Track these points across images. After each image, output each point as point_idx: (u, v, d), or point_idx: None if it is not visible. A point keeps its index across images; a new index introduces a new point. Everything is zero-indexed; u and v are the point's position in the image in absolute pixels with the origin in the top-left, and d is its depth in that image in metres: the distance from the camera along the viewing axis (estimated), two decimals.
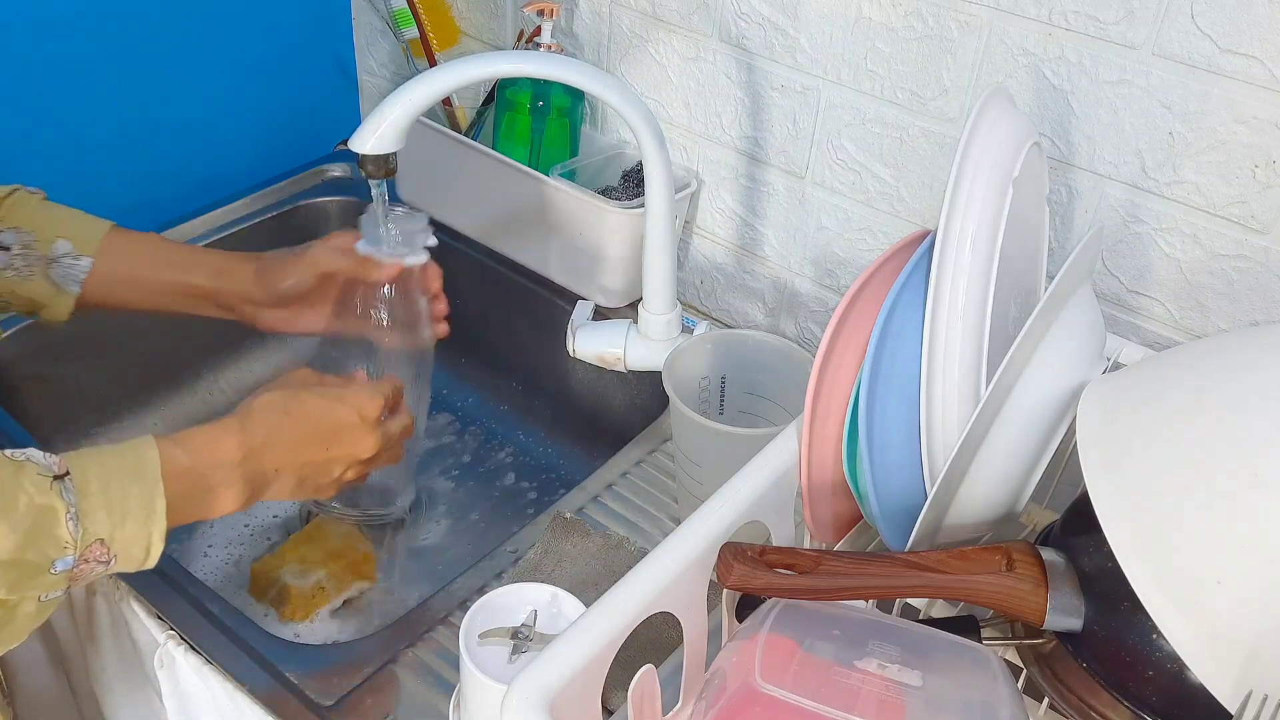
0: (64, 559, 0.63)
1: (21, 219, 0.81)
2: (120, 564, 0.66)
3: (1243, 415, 0.53)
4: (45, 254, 0.81)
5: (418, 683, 0.79)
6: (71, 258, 0.82)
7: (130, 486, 0.66)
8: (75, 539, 0.63)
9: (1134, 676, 0.57)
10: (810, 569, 0.57)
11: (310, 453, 0.76)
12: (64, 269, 0.82)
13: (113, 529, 0.65)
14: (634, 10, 1.09)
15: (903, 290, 0.63)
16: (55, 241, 0.81)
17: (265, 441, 0.73)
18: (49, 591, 0.64)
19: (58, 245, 0.81)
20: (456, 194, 1.21)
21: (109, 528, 0.64)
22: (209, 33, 1.20)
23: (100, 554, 0.65)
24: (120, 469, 0.66)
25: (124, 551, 0.66)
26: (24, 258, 0.81)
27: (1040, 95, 0.87)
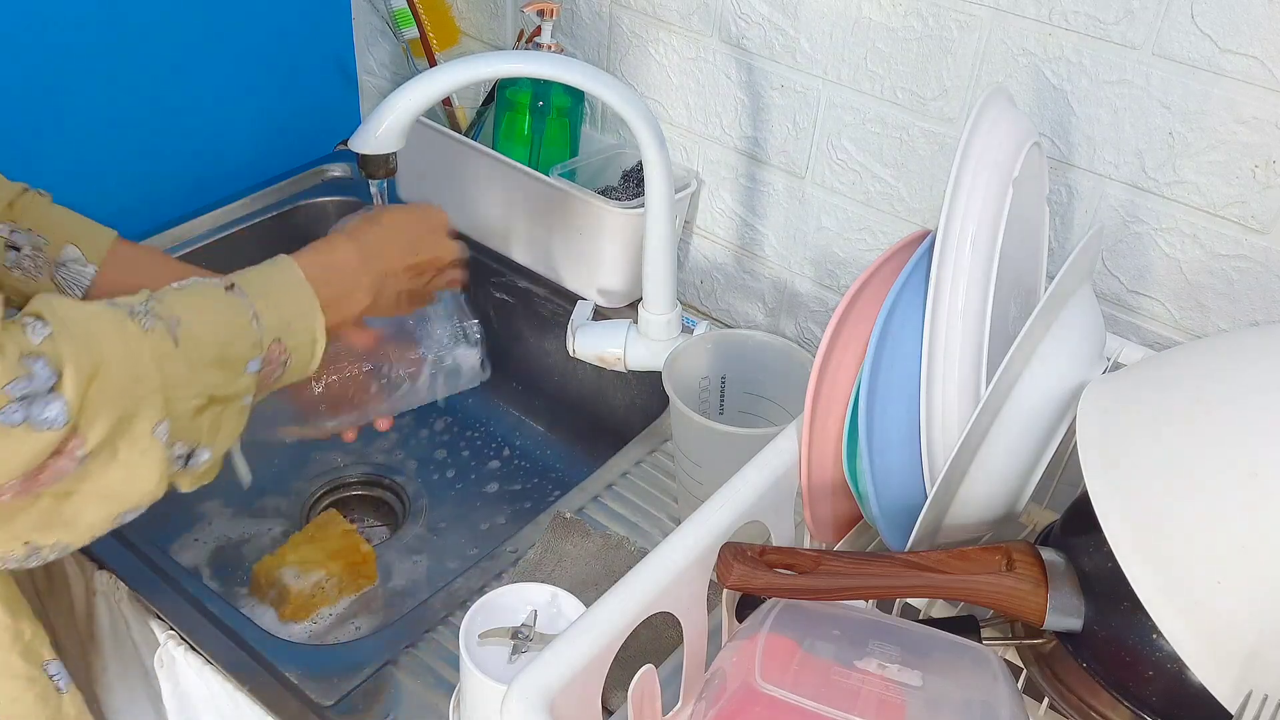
0: (254, 360, 0.68)
1: (33, 220, 0.82)
2: (293, 365, 0.72)
3: (1243, 415, 0.53)
4: (54, 258, 0.82)
5: (418, 683, 0.79)
6: (79, 264, 0.83)
7: (287, 293, 0.72)
8: (260, 337, 0.68)
9: (1134, 676, 0.57)
10: (810, 569, 0.57)
11: (410, 254, 0.83)
12: (70, 274, 0.83)
13: (284, 329, 0.70)
14: (634, 10, 1.09)
15: (903, 290, 0.63)
16: (65, 247, 0.82)
17: (375, 247, 0.80)
18: (244, 395, 0.68)
19: (66, 250, 0.82)
20: (456, 194, 1.21)
21: (281, 327, 0.70)
22: (209, 33, 1.20)
23: (278, 353, 0.70)
24: (274, 279, 0.72)
25: (295, 352, 0.71)
26: (33, 259, 0.81)
27: (1040, 95, 0.87)
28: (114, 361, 0.59)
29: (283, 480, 1.15)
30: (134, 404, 0.60)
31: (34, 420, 0.55)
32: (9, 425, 0.54)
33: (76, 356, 0.57)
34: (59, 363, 0.56)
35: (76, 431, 0.57)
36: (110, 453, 0.59)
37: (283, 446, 1.16)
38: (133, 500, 0.62)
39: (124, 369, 0.59)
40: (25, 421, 0.54)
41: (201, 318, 0.65)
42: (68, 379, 0.56)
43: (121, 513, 0.62)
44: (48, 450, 0.56)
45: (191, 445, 0.65)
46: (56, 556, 0.62)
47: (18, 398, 0.54)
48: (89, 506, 0.60)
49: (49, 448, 0.56)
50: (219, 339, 0.66)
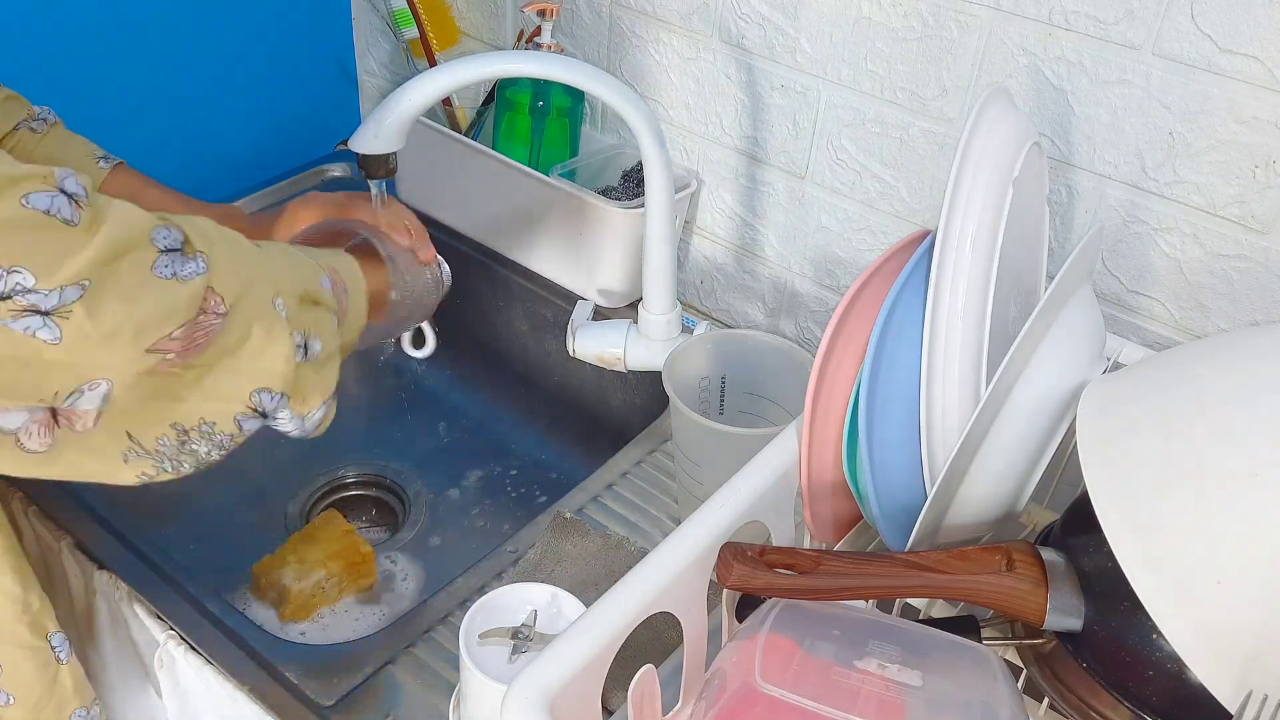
0: (323, 276, 0.71)
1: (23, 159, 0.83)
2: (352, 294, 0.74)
3: (1243, 415, 0.53)
4: None
5: (418, 683, 0.79)
6: None
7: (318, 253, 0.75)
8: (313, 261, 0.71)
9: (1134, 676, 0.57)
10: (810, 569, 0.57)
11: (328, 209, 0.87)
12: None
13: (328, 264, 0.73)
14: (634, 10, 1.09)
15: (903, 290, 0.63)
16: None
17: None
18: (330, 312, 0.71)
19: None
20: (456, 194, 1.21)
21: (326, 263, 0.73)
22: (209, 32, 1.20)
23: (339, 278, 0.73)
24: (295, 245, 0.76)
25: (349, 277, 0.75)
26: None
27: (1040, 95, 0.87)
28: (220, 239, 0.62)
29: (283, 480, 1.15)
30: (251, 274, 0.63)
31: (180, 273, 0.58)
32: (162, 278, 0.57)
33: (193, 228, 0.61)
34: (179, 228, 0.59)
35: (214, 288, 0.60)
36: (243, 322, 0.62)
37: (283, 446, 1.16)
38: (265, 378, 0.64)
39: (228, 247, 0.63)
40: (174, 275, 0.58)
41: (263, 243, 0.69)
42: (194, 241, 0.60)
43: (257, 389, 0.64)
44: (198, 300, 0.59)
45: (304, 334, 0.67)
46: (206, 450, 0.64)
47: (164, 249, 0.58)
48: (228, 379, 0.62)
49: (198, 297, 0.59)
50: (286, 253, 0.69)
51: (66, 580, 0.93)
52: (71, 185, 0.55)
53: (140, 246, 0.57)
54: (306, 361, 0.67)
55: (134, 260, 0.56)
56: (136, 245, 0.57)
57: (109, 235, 0.55)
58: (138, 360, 0.57)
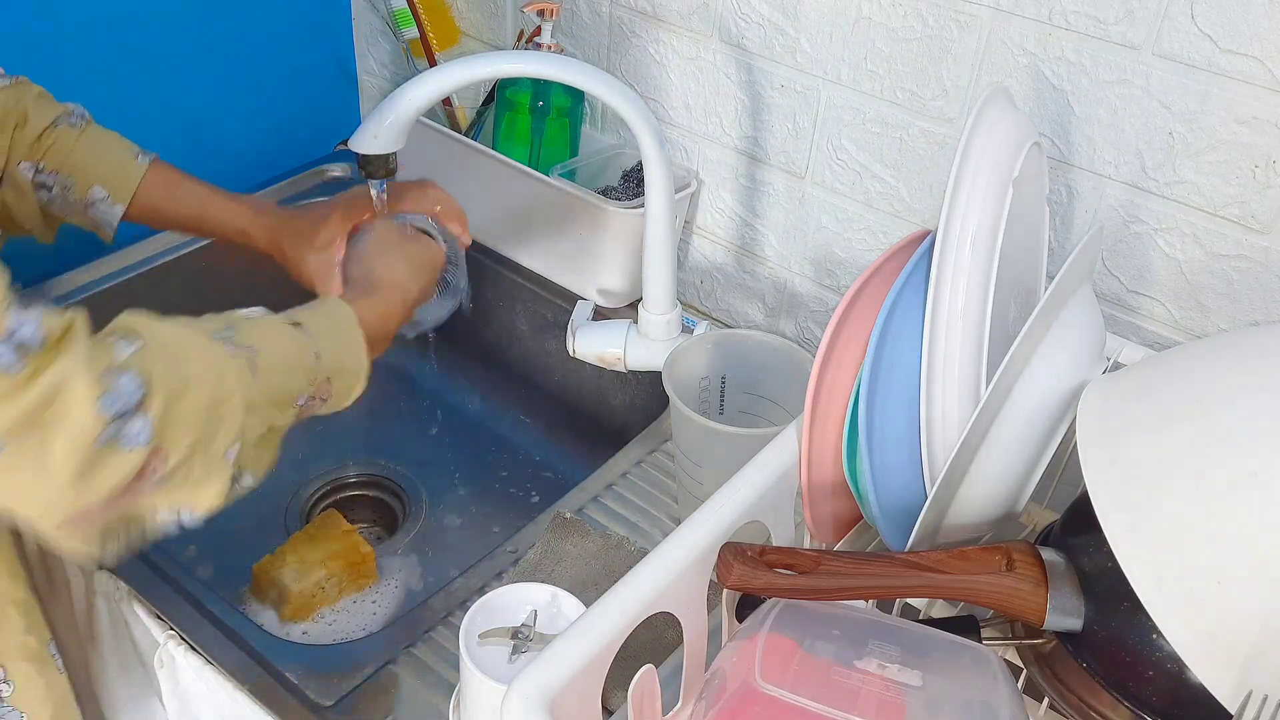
0: (304, 395, 0.70)
1: (59, 161, 0.84)
2: (330, 404, 0.73)
3: (1242, 415, 0.53)
4: (82, 198, 0.86)
5: (418, 683, 0.79)
6: (106, 204, 0.85)
7: (345, 335, 0.73)
8: (317, 376, 0.70)
9: (1134, 676, 0.57)
10: (810, 569, 0.57)
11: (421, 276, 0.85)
12: (99, 213, 0.86)
13: (338, 370, 0.72)
14: (634, 10, 1.09)
15: (903, 290, 0.63)
16: (92, 188, 0.85)
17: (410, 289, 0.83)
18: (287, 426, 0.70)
19: (93, 191, 0.86)
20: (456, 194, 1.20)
21: (336, 368, 0.72)
22: (209, 33, 1.20)
23: (324, 391, 0.71)
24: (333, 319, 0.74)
25: (339, 392, 0.73)
26: (62, 199, 0.84)
27: (1040, 95, 0.87)
28: (201, 382, 0.60)
29: (283, 480, 1.15)
30: (215, 425, 0.60)
31: (121, 439, 0.55)
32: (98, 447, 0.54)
33: (166, 374, 0.57)
34: (148, 379, 0.56)
35: (159, 450, 0.57)
36: (186, 471, 0.60)
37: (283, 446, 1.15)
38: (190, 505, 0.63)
39: (211, 390, 0.60)
40: (115, 439, 0.54)
41: (275, 350, 0.67)
42: (155, 397, 0.56)
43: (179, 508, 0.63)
44: (134, 470, 0.56)
45: (242, 469, 0.66)
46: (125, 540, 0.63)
47: (110, 417, 0.54)
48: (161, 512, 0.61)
49: (135, 467, 0.56)
50: (287, 372, 0.68)
51: (66, 580, 0.93)
52: (27, 333, 0.51)
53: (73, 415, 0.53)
54: (231, 490, 0.66)
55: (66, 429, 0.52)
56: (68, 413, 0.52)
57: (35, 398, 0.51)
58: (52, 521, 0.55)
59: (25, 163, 0.82)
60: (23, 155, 0.83)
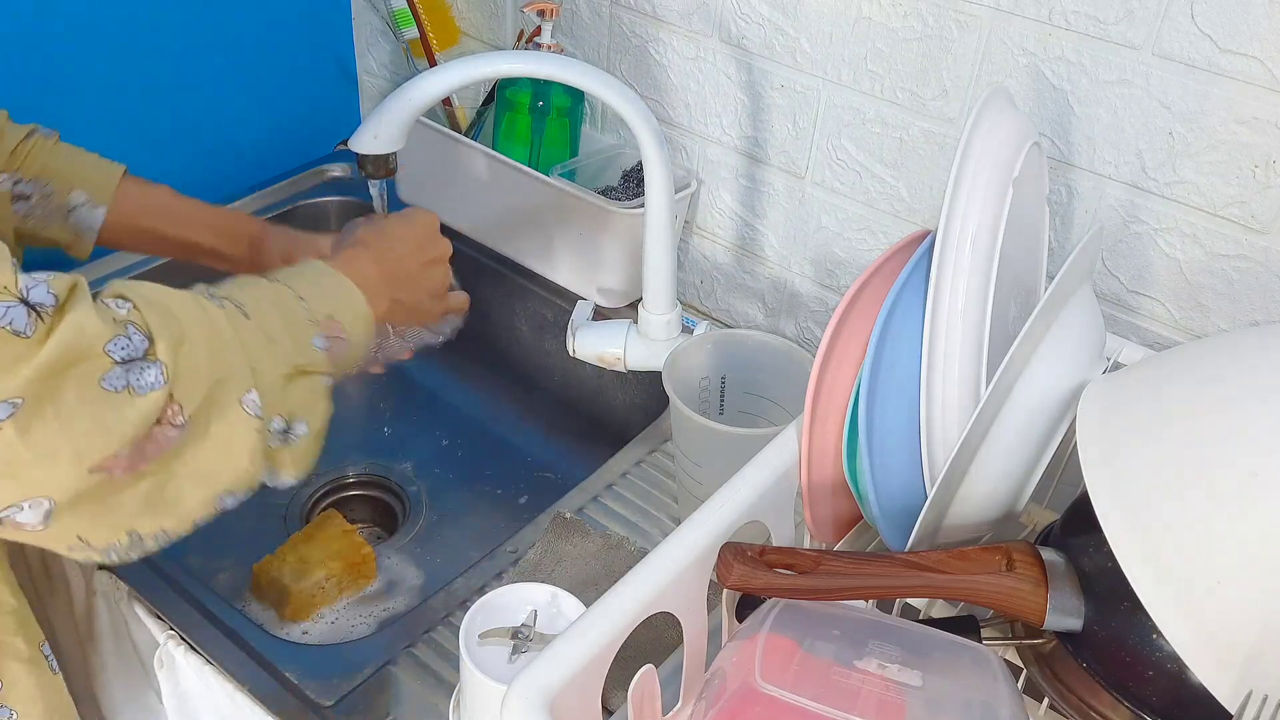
0: (317, 336, 0.68)
1: (39, 167, 0.83)
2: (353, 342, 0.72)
3: (1243, 415, 0.53)
4: (62, 203, 0.84)
5: (418, 683, 0.79)
6: (87, 207, 0.84)
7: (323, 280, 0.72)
8: (313, 314, 0.69)
9: (1134, 676, 0.57)
10: (810, 569, 0.57)
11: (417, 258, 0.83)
12: (80, 217, 0.85)
13: (333, 306, 0.71)
14: (634, 10, 1.09)
15: (903, 290, 0.63)
16: (71, 191, 0.84)
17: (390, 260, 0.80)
18: (322, 372, 0.68)
19: (74, 195, 0.84)
20: (456, 194, 1.21)
21: (330, 306, 0.70)
22: (209, 33, 1.20)
23: (336, 329, 0.70)
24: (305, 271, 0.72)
25: (352, 326, 0.71)
26: (42, 206, 0.83)
27: (1040, 95, 0.87)
28: (196, 331, 0.60)
29: None
30: (222, 372, 0.60)
31: (135, 385, 0.55)
32: (113, 391, 0.54)
33: (163, 325, 0.58)
34: (148, 330, 0.57)
35: (173, 397, 0.57)
36: (203, 426, 0.59)
37: None
38: (228, 480, 0.62)
39: (208, 338, 0.60)
40: (128, 387, 0.55)
41: (260, 299, 0.66)
42: (160, 345, 0.57)
43: (219, 494, 0.62)
44: (152, 415, 0.56)
45: (288, 418, 0.65)
46: (158, 546, 0.62)
47: (119, 360, 0.55)
48: (188, 487, 0.60)
49: (153, 413, 0.56)
50: (280, 315, 0.67)
51: (66, 580, 0.93)
52: (39, 295, 0.53)
53: (89, 358, 0.54)
54: (287, 445, 0.65)
55: (80, 374, 0.53)
56: (85, 357, 0.54)
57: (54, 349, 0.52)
58: (79, 479, 0.54)
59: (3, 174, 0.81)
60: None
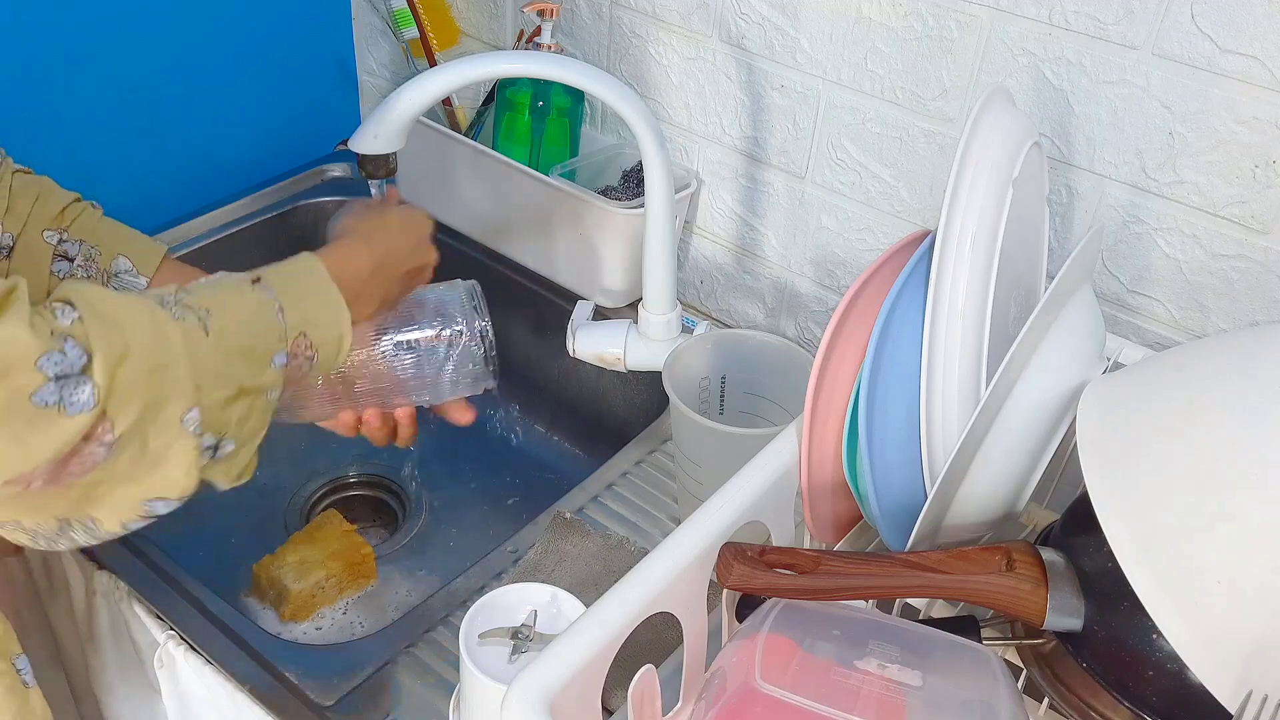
0: (280, 354, 0.67)
1: (85, 232, 0.83)
2: (319, 361, 0.71)
3: (1242, 415, 0.53)
4: (105, 268, 0.83)
5: (418, 683, 0.79)
6: (131, 275, 0.84)
7: (312, 289, 0.71)
8: (285, 331, 0.68)
9: (1134, 676, 0.57)
10: (810, 569, 0.57)
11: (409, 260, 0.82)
12: (123, 284, 0.84)
13: (310, 323, 0.69)
14: (634, 10, 1.09)
15: (903, 290, 0.63)
16: (116, 258, 0.83)
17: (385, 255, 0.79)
18: (270, 390, 0.67)
19: (118, 262, 0.83)
20: (456, 194, 1.21)
21: (308, 321, 0.69)
22: (209, 32, 1.20)
23: (304, 348, 0.69)
24: (297, 275, 0.71)
25: (323, 346, 0.71)
26: (85, 270, 0.82)
27: (1040, 95, 0.87)
28: (143, 346, 0.59)
29: (283, 480, 1.15)
30: (164, 389, 0.59)
31: (66, 403, 0.54)
32: (41, 407, 0.53)
33: (105, 339, 0.57)
34: (88, 344, 0.56)
35: (105, 415, 0.56)
36: (140, 442, 0.59)
37: (283, 446, 1.16)
38: (161, 489, 0.62)
39: (153, 354, 0.59)
40: (59, 404, 0.54)
41: (229, 310, 0.66)
42: (97, 362, 0.56)
43: (150, 499, 0.62)
44: (78, 435, 0.55)
45: (219, 436, 0.64)
46: (86, 541, 0.61)
47: (52, 376, 0.54)
48: (119, 489, 0.60)
49: (79, 432, 0.55)
50: (247, 331, 0.66)
51: (66, 581, 0.93)
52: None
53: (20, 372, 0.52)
54: (216, 461, 0.65)
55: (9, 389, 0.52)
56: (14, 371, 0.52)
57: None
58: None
59: (50, 230, 0.81)
60: (45, 225, 0.81)
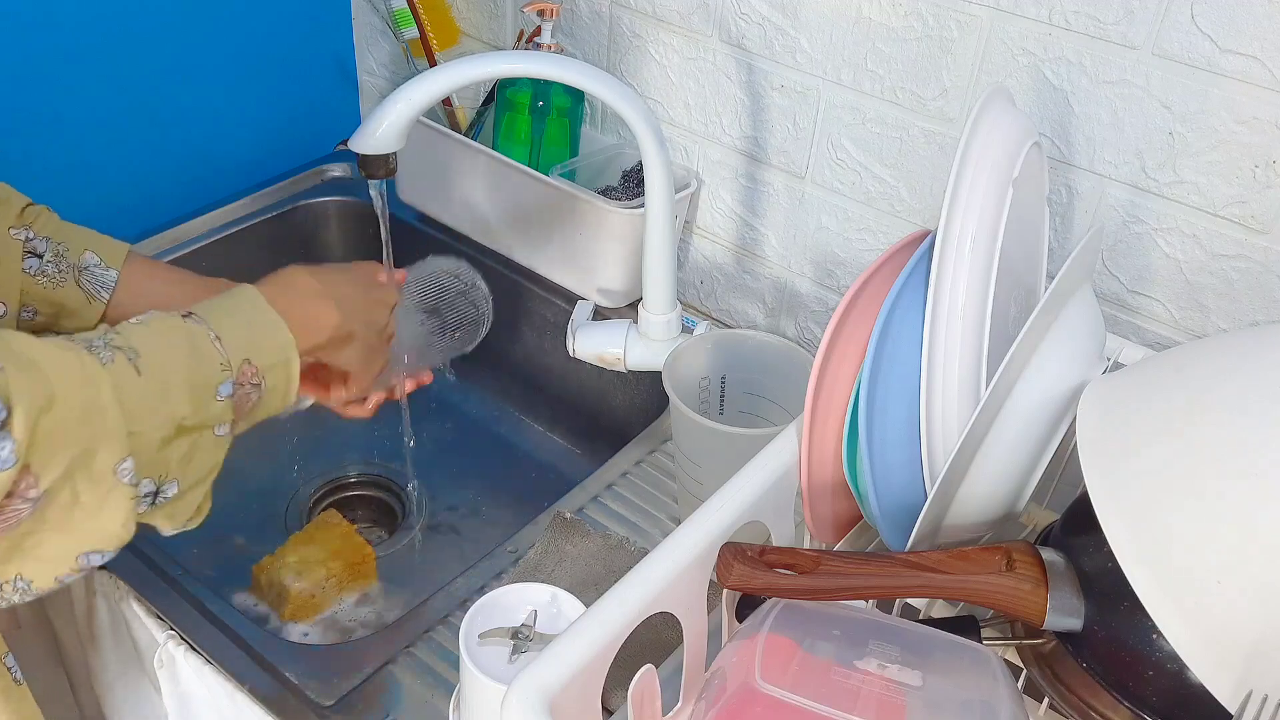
0: (224, 383, 0.65)
1: (50, 230, 0.83)
2: (270, 387, 0.69)
3: (1242, 415, 0.53)
4: (75, 262, 0.83)
5: (418, 683, 0.79)
6: (100, 268, 0.83)
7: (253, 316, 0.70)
8: (227, 358, 0.66)
9: (1134, 676, 0.57)
10: (810, 569, 0.57)
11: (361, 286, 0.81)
12: (93, 277, 0.83)
13: (252, 348, 0.68)
14: (634, 10, 1.09)
15: (903, 290, 0.63)
16: (84, 252, 0.83)
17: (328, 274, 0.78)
18: (219, 424, 0.65)
19: (87, 256, 0.83)
20: (456, 194, 1.21)
21: (250, 347, 0.67)
22: (209, 32, 1.20)
23: (251, 375, 0.67)
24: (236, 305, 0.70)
25: (270, 373, 0.69)
26: (55, 265, 0.82)
27: (1040, 95, 0.87)
28: (69, 396, 0.57)
29: (283, 480, 1.15)
30: (94, 439, 0.58)
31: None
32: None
33: (28, 390, 0.55)
34: (7, 397, 0.54)
35: (29, 469, 0.54)
36: (70, 493, 0.57)
37: (283, 446, 1.16)
38: (96, 541, 0.60)
39: (80, 404, 0.57)
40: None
41: (162, 346, 0.63)
42: (17, 415, 0.54)
43: (85, 552, 0.60)
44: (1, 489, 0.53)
45: (159, 480, 0.62)
46: (19, 599, 0.59)
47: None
48: (50, 540, 0.58)
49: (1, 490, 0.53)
50: (184, 364, 0.64)
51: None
52: None
53: None
54: (156, 508, 0.63)
55: None
56: None
57: None
58: None
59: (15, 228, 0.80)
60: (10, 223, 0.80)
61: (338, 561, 0.99)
